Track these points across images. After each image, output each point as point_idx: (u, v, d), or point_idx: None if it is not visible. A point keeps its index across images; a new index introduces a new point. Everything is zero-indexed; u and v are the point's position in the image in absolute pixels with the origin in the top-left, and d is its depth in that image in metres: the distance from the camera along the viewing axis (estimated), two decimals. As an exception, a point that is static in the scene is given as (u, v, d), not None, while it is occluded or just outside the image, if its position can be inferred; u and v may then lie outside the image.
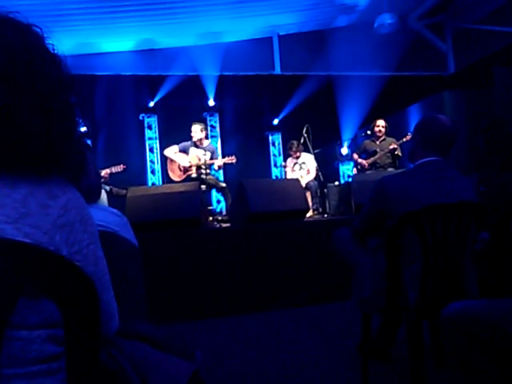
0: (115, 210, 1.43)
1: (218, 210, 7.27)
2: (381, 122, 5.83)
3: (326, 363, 2.40)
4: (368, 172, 5.70)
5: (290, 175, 6.38)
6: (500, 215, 1.86)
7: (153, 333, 1.02)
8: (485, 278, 1.89)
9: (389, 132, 5.89)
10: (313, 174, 6.23)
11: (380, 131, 5.80)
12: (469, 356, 1.24)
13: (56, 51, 0.76)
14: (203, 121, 7.20)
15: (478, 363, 1.22)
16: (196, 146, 5.61)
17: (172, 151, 5.64)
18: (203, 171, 5.48)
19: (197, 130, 5.58)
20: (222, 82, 7.58)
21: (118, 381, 0.86)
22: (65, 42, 0.80)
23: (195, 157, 5.54)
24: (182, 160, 5.55)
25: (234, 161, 5.59)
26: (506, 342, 1.17)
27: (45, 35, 0.76)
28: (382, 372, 2.19)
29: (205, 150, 5.58)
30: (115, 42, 6.95)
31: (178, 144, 5.66)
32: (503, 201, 1.93)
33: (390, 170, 5.60)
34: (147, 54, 7.22)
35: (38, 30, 0.76)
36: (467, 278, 1.80)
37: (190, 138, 5.62)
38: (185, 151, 5.59)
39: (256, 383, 2.22)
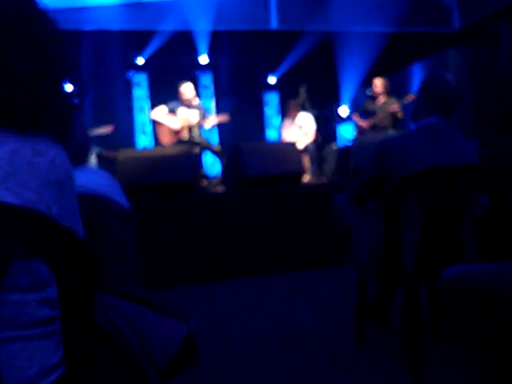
0: (105, 173, 1.43)
1: (211, 172, 7.15)
2: (379, 81, 5.66)
3: (322, 326, 2.46)
4: (368, 135, 5.56)
5: (287, 136, 6.20)
6: (500, 179, 1.87)
7: (148, 295, 1.03)
8: (484, 241, 1.91)
9: (390, 91, 5.73)
10: (311, 136, 6.06)
11: (378, 90, 5.62)
12: (466, 319, 1.27)
13: (43, 5, 0.76)
14: (194, 79, 6.93)
15: (474, 326, 1.25)
16: (186, 105, 5.32)
17: (161, 113, 5.30)
18: (196, 132, 5.29)
19: (189, 90, 5.32)
20: (215, 39, 7.26)
21: (113, 341, 0.88)
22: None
23: (186, 118, 5.28)
24: (173, 123, 5.26)
25: (227, 119, 5.46)
26: (503, 305, 1.19)
27: None
28: (378, 335, 2.25)
29: (197, 109, 5.35)
30: (100, -6, 6.56)
31: (165, 104, 5.37)
32: (503, 165, 1.95)
33: (390, 131, 5.46)
34: (135, 7, 6.85)
35: None
36: (466, 242, 1.81)
37: (179, 99, 5.34)
38: (173, 111, 5.30)
39: (251, 348, 2.24)
